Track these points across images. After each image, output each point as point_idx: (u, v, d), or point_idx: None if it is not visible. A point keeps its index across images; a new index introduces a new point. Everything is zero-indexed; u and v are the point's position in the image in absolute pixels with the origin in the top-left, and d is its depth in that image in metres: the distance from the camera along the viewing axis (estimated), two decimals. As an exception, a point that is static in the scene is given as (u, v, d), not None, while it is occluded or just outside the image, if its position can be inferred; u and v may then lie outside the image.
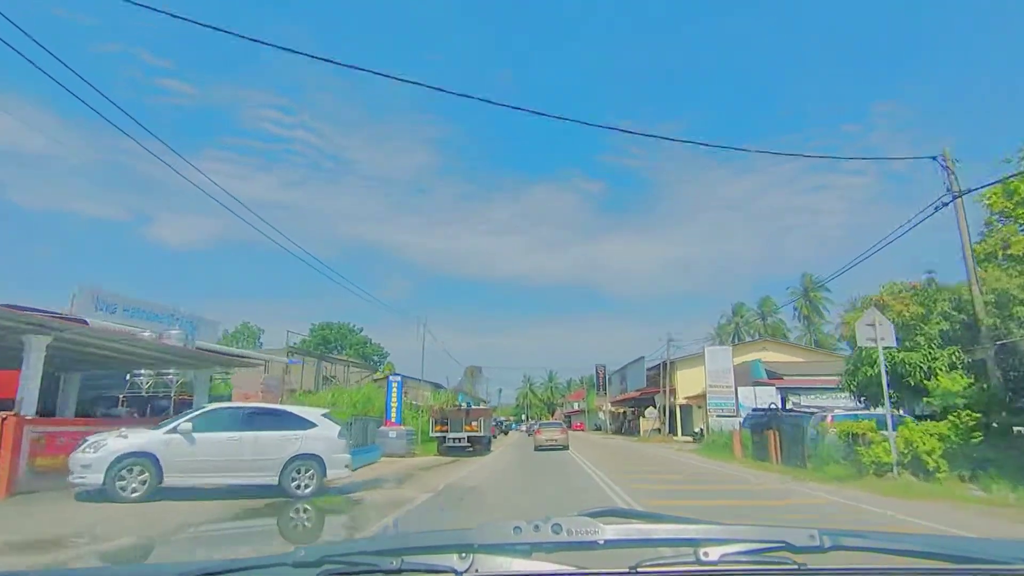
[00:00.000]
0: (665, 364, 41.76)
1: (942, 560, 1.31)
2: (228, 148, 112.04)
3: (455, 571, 1.23)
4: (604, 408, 65.83)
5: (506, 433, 60.02)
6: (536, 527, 1.25)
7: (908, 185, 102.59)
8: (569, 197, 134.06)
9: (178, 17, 9.41)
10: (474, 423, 27.37)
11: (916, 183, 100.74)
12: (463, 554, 1.25)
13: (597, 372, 69.52)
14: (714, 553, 1.26)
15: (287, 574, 1.34)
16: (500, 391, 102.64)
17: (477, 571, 1.23)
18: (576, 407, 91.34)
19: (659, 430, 43.48)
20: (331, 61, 36.04)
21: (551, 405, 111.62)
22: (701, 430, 33.97)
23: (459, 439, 26.91)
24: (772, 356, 38.13)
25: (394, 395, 28.32)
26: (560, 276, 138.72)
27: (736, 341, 51.92)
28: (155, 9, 8.98)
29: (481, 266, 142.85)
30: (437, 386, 54.82)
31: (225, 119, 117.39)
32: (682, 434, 39.88)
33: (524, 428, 77.76)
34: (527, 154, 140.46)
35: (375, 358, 65.74)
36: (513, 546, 1.26)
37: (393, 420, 27.36)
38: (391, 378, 29.94)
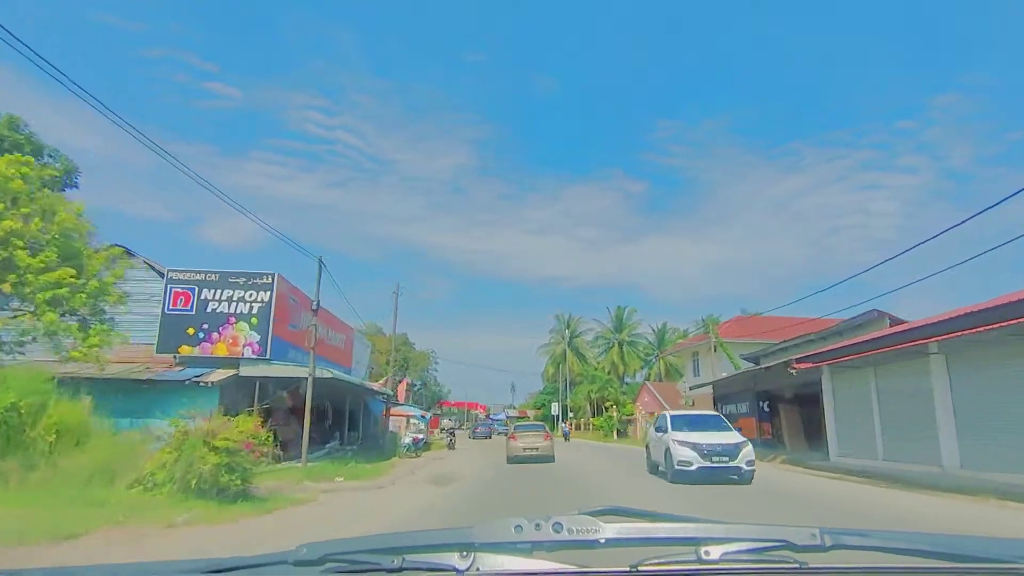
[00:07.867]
0: None
1: (944, 559, 1.30)
2: (271, 149, 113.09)
3: (456, 569, 1.24)
4: None
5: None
6: (537, 526, 1.25)
7: (967, 184, 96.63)
8: (610, 197, 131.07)
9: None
10: None
11: (977, 180, 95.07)
12: (464, 552, 1.26)
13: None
14: (715, 552, 1.26)
15: (289, 572, 1.34)
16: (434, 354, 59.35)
17: (478, 569, 1.24)
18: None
19: None
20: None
21: (625, 382, 50.92)
22: None
23: None
24: None
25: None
26: (601, 277, 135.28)
27: None
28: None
29: (521, 266, 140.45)
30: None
31: (268, 121, 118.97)
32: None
33: (476, 430, 45.02)
34: (566, 153, 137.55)
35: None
36: (514, 544, 1.27)
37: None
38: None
